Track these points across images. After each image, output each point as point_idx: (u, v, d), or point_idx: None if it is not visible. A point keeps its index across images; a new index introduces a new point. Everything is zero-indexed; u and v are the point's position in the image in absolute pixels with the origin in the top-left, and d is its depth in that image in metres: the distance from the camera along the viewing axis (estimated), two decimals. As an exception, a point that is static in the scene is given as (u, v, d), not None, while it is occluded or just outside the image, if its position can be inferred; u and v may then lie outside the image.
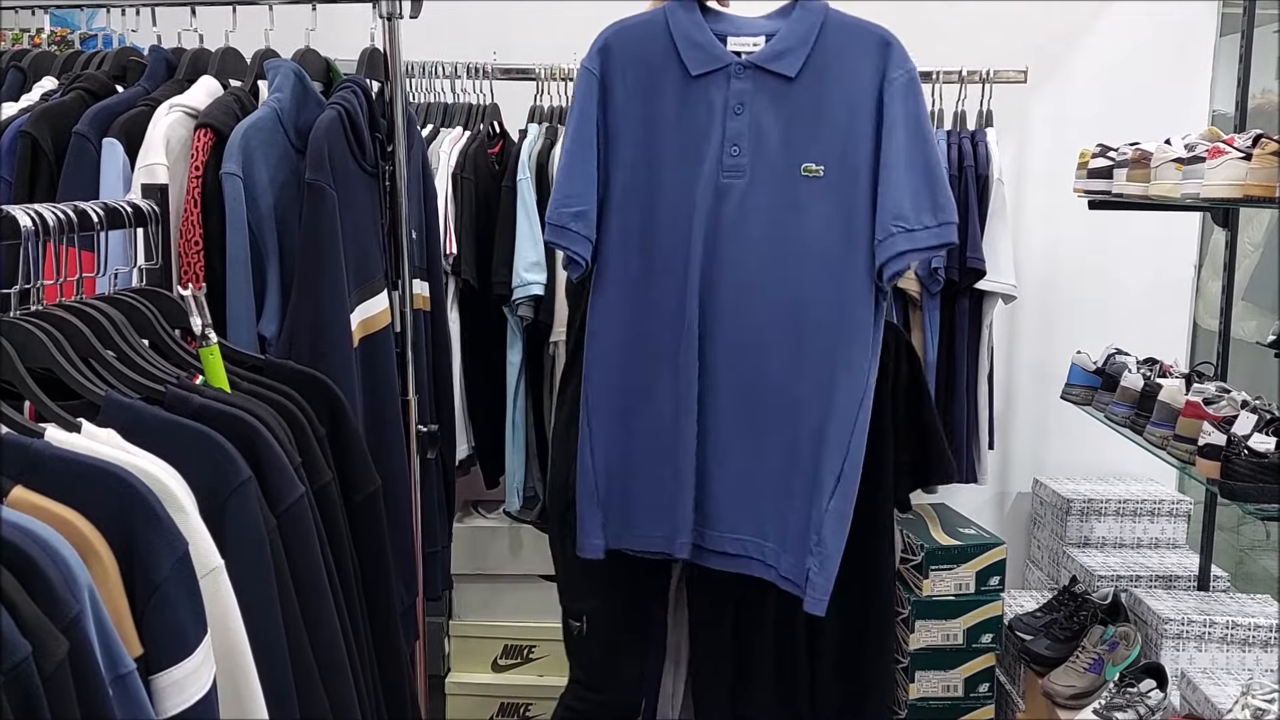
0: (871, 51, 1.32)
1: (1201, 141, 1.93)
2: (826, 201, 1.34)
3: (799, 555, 1.44)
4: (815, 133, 1.34)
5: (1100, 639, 2.30)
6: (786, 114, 1.34)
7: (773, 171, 1.35)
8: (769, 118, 1.35)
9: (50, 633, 0.71)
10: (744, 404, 1.42)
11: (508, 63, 2.56)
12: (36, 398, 0.94)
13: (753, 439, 1.43)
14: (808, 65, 1.33)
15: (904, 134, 1.32)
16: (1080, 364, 2.39)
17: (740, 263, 1.37)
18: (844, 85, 1.32)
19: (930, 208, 1.33)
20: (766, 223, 1.37)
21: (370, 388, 1.63)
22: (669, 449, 1.44)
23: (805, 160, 1.34)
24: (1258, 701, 1.83)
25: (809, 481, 1.43)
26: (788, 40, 1.34)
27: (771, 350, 1.38)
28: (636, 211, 1.39)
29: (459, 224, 2.39)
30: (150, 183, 1.38)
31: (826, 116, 1.33)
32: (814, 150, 1.33)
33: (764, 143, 1.34)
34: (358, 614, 1.22)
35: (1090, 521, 2.74)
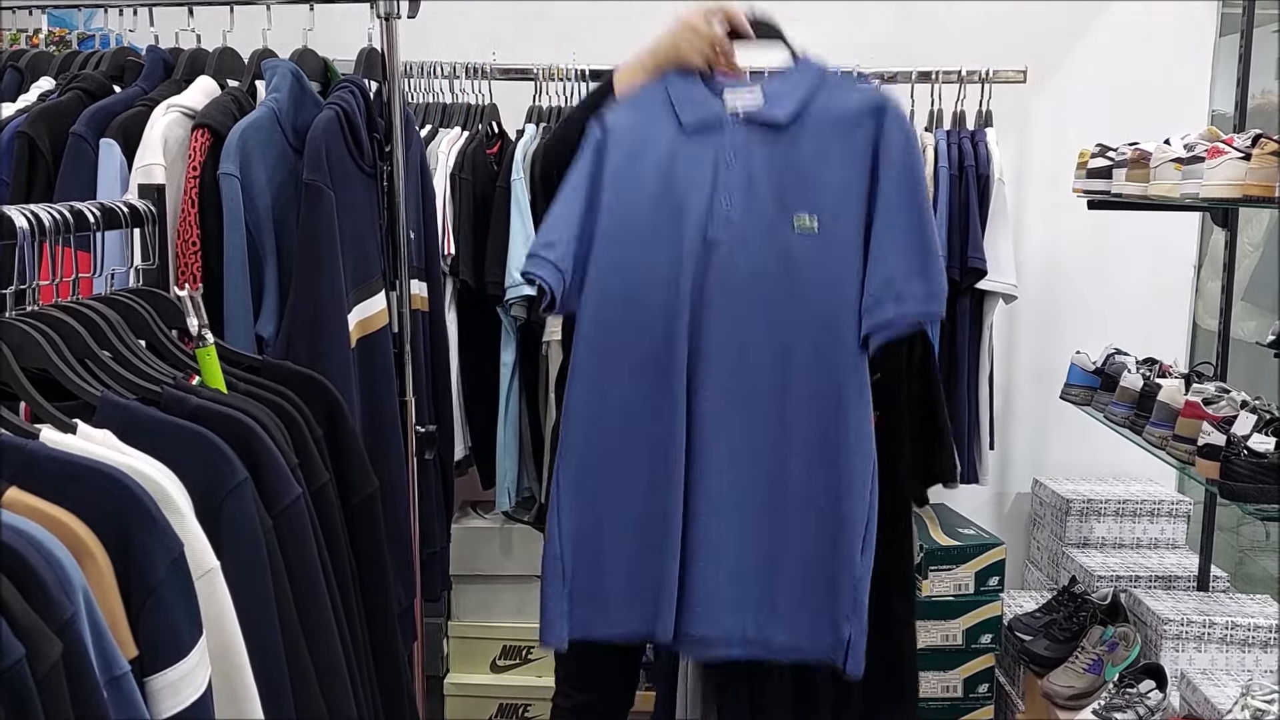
0: (868, 110, 1.30)
1: (1201, 141, 1.92)
2: (818, 256, 1.32)
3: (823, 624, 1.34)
4: (808, 186, 1.32)
5: (1100, 639, 2.30)
6: (779, 165, 1.33)
7: (764, 224, 1.32)
8: (761, 169, 1.33)
9: (44, 635, 0.70)
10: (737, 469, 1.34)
11: (506, 63, 2.56)
12: (32, 398, 0.94)
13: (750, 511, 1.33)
14: (801, 116, 1.32)
15: (899, 199, 1.29)
16: (1080, 364, 2.39)
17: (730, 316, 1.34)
18: (839, 140, 1.30)
19: (921, 277, 1.31)
20: (757, 276, 1.33)
21: (368, 388, 1.62)
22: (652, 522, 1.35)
23: (798, 212, 1.32)
24: (1257, 702, 1.82)
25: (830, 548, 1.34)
26: (781, 91, 1.34)
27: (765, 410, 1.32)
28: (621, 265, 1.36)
29: (457, 224, 2.39)
30: (147, 183, 1.38)
31: (820, 170, 1.31)
32: (806, 203, 1.31)
33: (756, 194, 1.32)
34: (355, 615, 1.21)
35: (1089, 522, 2.74)
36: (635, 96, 1.38)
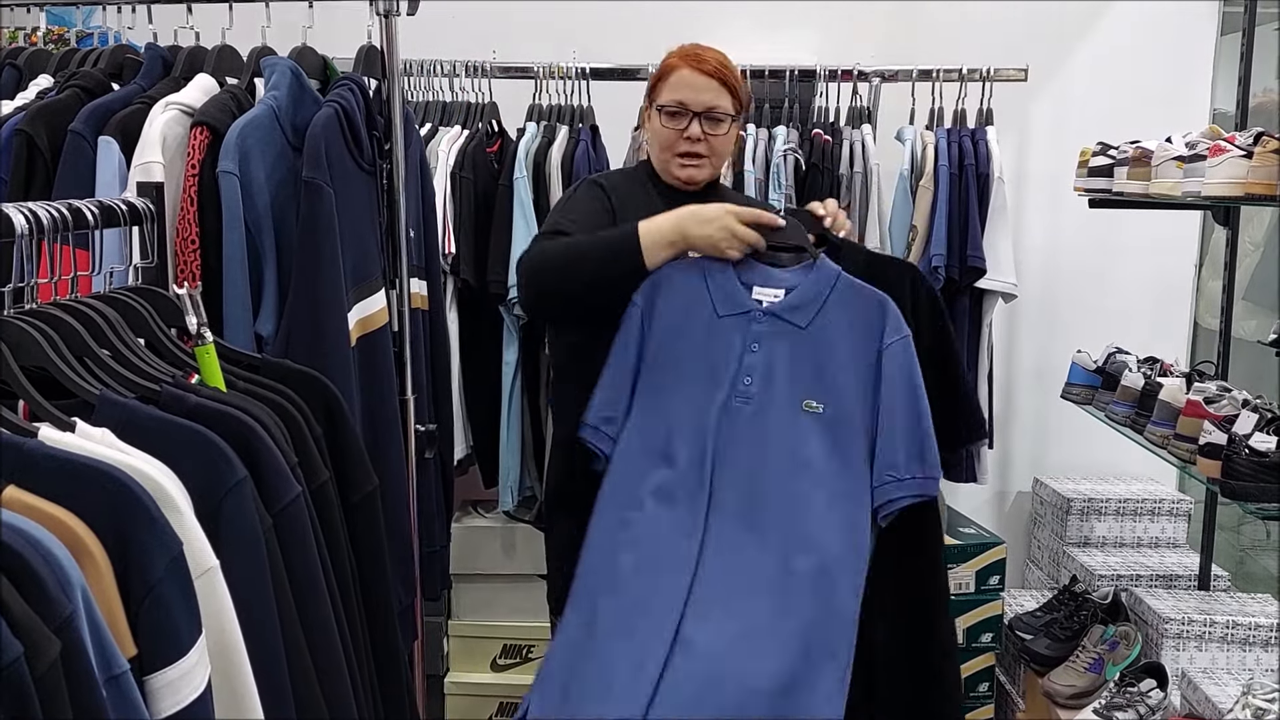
0: (873, 314, 1.53)
1: (1202, 140, 1.92)
2: (823, 435, 1.52)
3: None
4: (818, 376, 1.54)
5: (1100, 638, 2.30)
6: (795, 356, 1.55)
7: (778, 403, 1.54)
8: (780, 357, 1.55)
9: (43, 633, 0.70)
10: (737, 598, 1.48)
11: (506, 61, 2.56)
12: (31, 396, 0.94)
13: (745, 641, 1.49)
14: (817, 318, 1.54)
15: (900, 394, 1.51)
16: (1080, 363, 2.38)
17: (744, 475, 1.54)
18: (847, 340, 1.53)
19: (919, 462, 1.52)
20: (768, 446, 1.53)
21: (368, 387, 1.62)
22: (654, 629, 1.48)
23: (807, 397, 1.53)
24: (1259, 701, 1.82)
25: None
26: (803, 295, 1.55)
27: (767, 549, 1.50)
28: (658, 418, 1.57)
29: (457, 223, 2.39)
30: (146, 181, 1.37)
31: (829, 363, 1.53)
32: (816, 390, 1.53)
33: (773, 378, 1.54)
34: (355, 614, 1.21)
35: (1090, 521, 2.73)
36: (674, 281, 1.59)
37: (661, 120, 1.73)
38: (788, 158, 2.40)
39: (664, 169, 1.76)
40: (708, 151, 1.72)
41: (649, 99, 1.79)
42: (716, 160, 1.75)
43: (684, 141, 1.71)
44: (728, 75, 1.73)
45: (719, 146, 1.73)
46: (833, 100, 2.54)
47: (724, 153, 1.77)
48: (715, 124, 1.71)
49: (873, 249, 1.65)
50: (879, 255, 1.60)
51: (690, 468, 1.53)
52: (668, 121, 1.72)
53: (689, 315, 1.57)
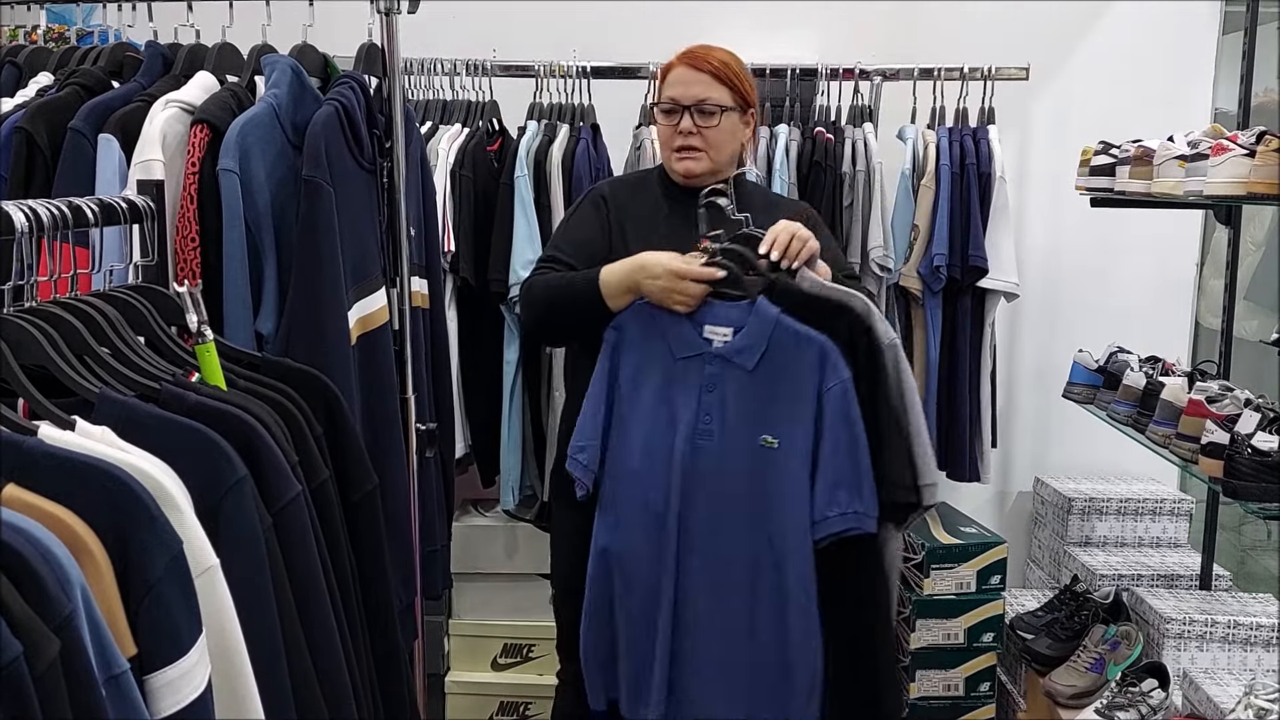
0: (813, 359, 1.60)
1: (1204, 139, 1.92)
2: (779, 469, 1.61)
3: None
4: (769, 413, 1.62)
5: (1102, 638, 2.29)
6: (747, 395, 1.63)
7: (736, 439, 1.63)
8: (733, 397, 1.63)
9: (42, 632, 0.70)
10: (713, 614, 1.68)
11: (507, 59, 2.55)
12: (30, 395, 0.93)
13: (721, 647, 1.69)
14: (762, 361, 1.61)
15: (841, 435, 1.59)
16: (1082, 362, 2.38)
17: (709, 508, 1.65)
18: (791, 380, 1.61)
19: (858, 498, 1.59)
20: (730, 479, 1.63)
21: (368, 386, 1.62)
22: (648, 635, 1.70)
23: (763, 434, 1.62)
24: (1261, 701, 1.82)
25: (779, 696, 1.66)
26: (749, 337, 1.62)
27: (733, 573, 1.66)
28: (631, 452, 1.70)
29: (457, 221, 2.38)
30: (146, 179, 1.37)
31: (777, 402, 1.62)
32: (769, 427, 1.62)
33: (729, 416, 1.64)
34: (355, 613, 1.21)
35: (1092, 520, 2.73)
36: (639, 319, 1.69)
37: (660, 119, 1.80)
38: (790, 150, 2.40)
39: (668, 166, 1.82)
40: (703, 144, 1.75)
41: (654, 103, 1.87)
42: (715, 153, 1.77)
43: (678, 136, 1.76)
44: (721, 69, 1.77)
45: (714, 139, 1.76)
46: (834, 99, 2.53)
47: (722, 145, 1.78)
48: (706, 116, 1.75)
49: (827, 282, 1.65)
50: (818, 296, 1.62)
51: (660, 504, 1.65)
52: (664, 119, 1.79)
53: (649, 357, 1.68)
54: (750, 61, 2.54)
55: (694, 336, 1.64)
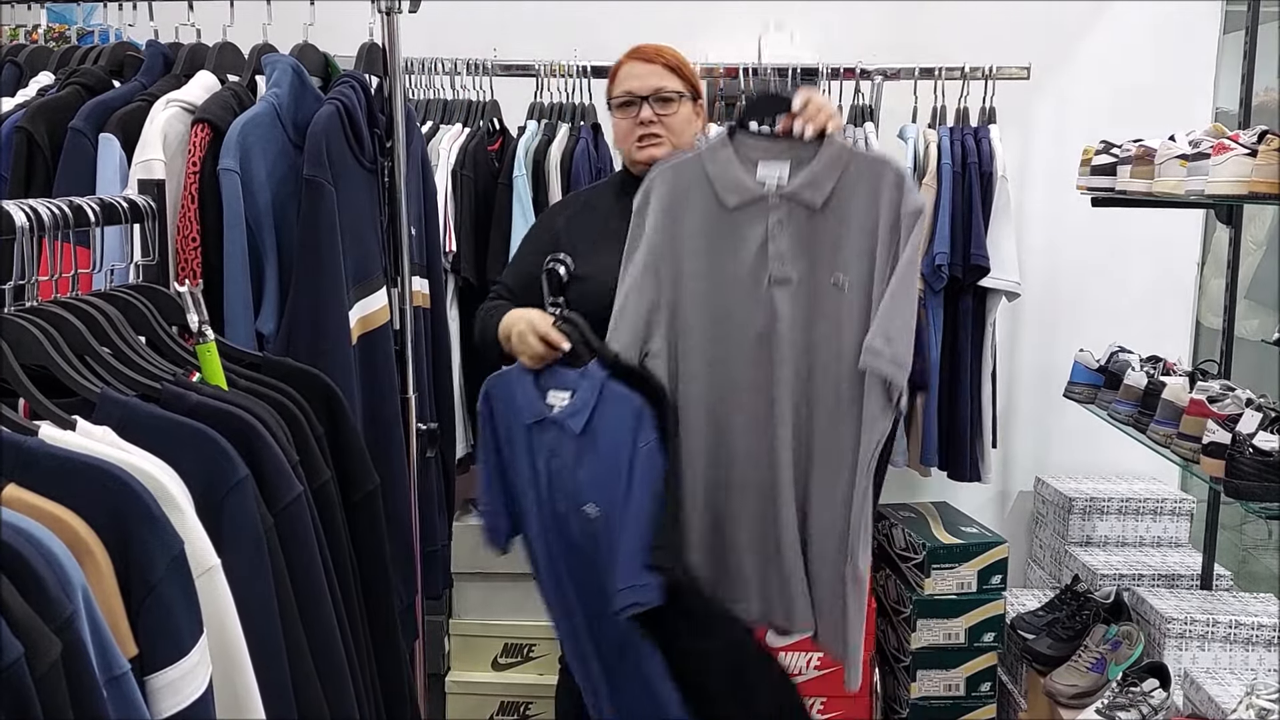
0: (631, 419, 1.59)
1: (1206, 138, 1.91)
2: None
3: None
4: (591, 479, 1.61)
5: (1103, 638, 2.29)
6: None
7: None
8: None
9: (43, 633, 0.70)
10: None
11: (507, 59, 2.55)
12: (31, 395, 0.93)
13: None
14: (588, 425, 1.60)
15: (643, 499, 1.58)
16: (1083, 362, 2.38)
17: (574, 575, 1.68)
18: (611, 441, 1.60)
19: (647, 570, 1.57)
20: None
21: (369, 385, 1.62)
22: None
23: (587, 502, 1.62)
24: (1262, 701, 1.82)
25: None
26: (580, 401, 1.62)
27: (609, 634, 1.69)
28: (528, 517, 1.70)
29: (458, 221, 2.38)
30: (147, 178, 1.37)
31: (598, 465, 1.61)
32: (592, 494, 1.62)
33: (566, 483, 1.64)
34: (356, 613, 1.21)
35: (1092, 520, 2.73)
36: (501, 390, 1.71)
37: (617, 115, 1.85)
38: None
39: (630, 159, 1.86)
40: (664, 131, 1.81)
41: (607, 102, 1.89)
42: (676, 139, 1.83)
43: (639, 126, 1.81)
44: (669, 59, 1.84)
45: (674, 125, 1.82)
46: (835, 99, 2.53)
47: (681, 131, 1.84)
48: (665, 104, 1.82)
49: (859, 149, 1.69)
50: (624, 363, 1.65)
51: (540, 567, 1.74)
52: (622, 113, 1.84)
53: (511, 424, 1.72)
54: (751, 61, 2.55)
55: (539, 403, 1.67)
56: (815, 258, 1.60)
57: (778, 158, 1.60)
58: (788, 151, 1.60)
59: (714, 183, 1.62)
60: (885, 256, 1.56)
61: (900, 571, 2.59)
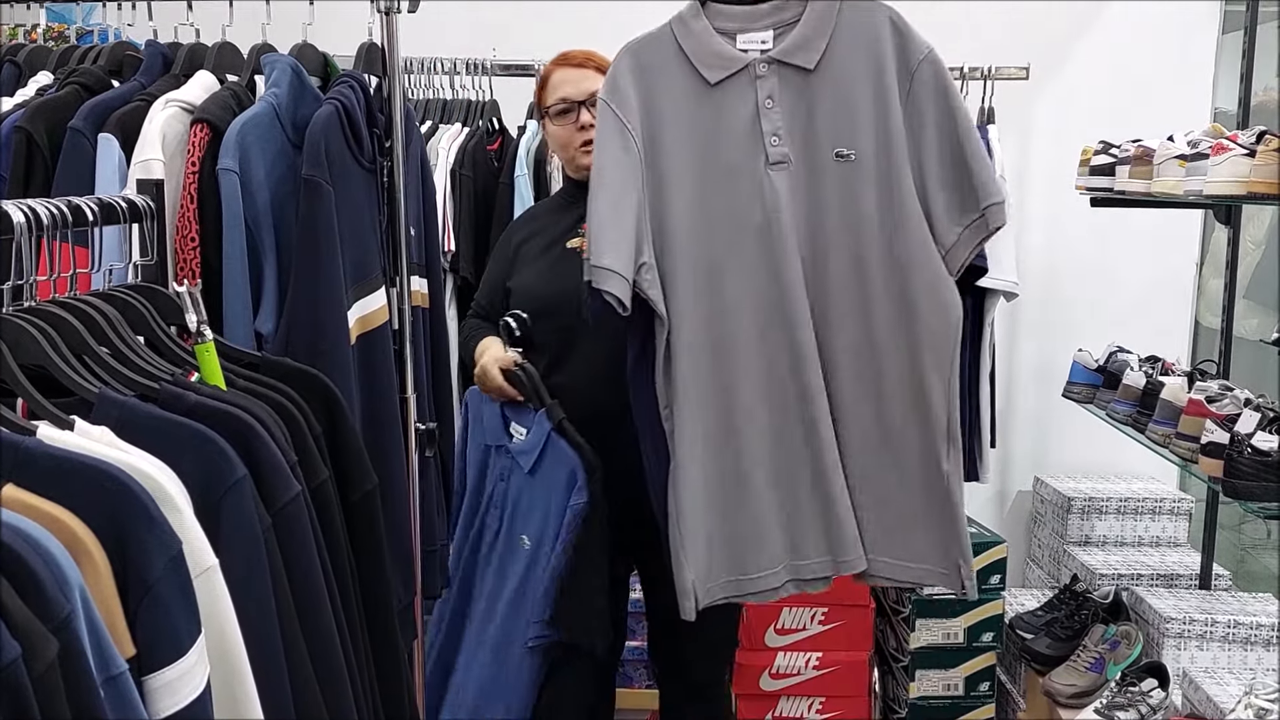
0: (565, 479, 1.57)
1: (1205, 138, 1.92)
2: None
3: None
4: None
5: (1101, 638, 2.29)
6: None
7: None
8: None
9: (40, 634, 0.69)
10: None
11: (507, 59, 2.55)
12: (29, 394, 0.93)
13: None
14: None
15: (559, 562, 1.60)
16: (1082, 362, 2.38)
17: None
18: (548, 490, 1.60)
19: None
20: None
21: (368, 385, 1.61)
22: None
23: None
24: (1261, 701, 1.82)
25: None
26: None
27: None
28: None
29: (457, 221, 2.38)
30: (146, 178, 1.37)
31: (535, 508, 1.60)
32: (529, 528, 1.61)
33: (509, 510, 1.65)
34: (355, 613, 1.21)
35: (1091, 520, 2.73)
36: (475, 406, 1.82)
37: (555, 124, 1.84)
38: None
39: (573, 167, 1.85)
40: None
41: (540, 114, 1.89)
42: None
43: (580, 132, 1.80)
44: (599, 62, 1.83)
45: None
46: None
47: None
48: None
49: None
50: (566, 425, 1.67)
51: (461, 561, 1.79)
52: (560, 121, 1.83)
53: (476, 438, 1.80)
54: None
55: (501, 431, 1.75)
56: (816, 130, 1.41)
57: (759, 24, 1.41)
58: (769, 15, 1.42)
59: (691, 58, 1.42)
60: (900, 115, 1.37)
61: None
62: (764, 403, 1.48)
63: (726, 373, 1.49)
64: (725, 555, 1.52)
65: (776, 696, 2.52)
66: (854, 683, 2.49)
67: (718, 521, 1.52)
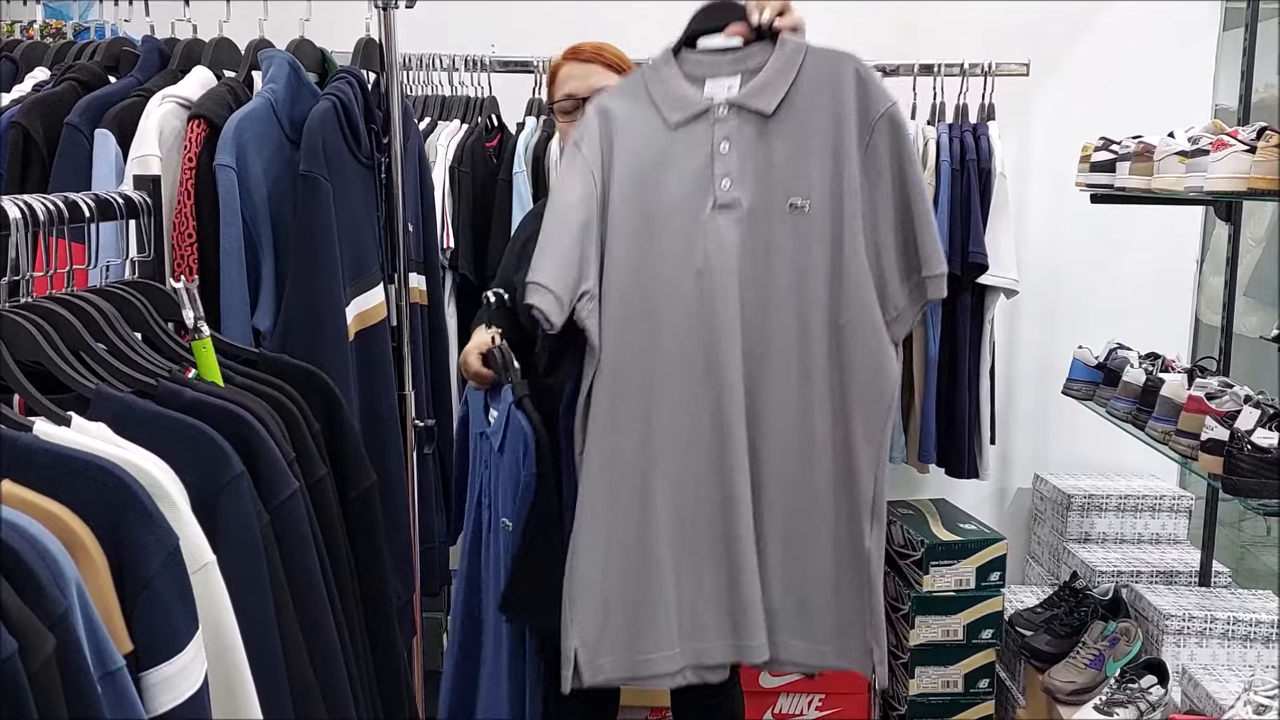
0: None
1: (1205, 135, 1.91)
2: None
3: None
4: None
5: (1101, 635, 2.29)
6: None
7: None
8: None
9: (37, 629, 0.69)
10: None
11: (505, 55, 2.54)
12: (26, 390, 0.93)
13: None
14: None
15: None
16: (1082, 359, 2.38)
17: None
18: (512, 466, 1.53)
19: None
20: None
21: (366, 382, 1.61)
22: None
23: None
24: (1260, 698, 1.82)
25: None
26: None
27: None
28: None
29: (456, 218, 2.38)
30: (143, 174, 1.36)
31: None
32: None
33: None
34: (353, 610, 1.20)
35: (1091, 517, 2.73)
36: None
37: (562, 120, 1.80)
38: None
39: None
40: None
41: (548, 106, 1.86)
42: None
43: None
44: (609, 58, 1.80)
45: None
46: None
47: None
48: None
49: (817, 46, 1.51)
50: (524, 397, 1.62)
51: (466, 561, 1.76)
52: (567, 118, 1.78)
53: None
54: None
55: (482, 417, 1.72)
56: (769, 177, 1.38)
57: (727, 70, 1.40)
58: (737, 62, 1.41)
59: (656, 101, 1.42)
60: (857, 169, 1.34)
61: (898, 568, 2.59)
62: (682, 459, 1.43)
63: (645, 420, 1.43)
64: (620, 625, 1.46)
65: (776, 693, 2.52)
66: (853, 680, 2.49)
67: (616, 586, 1.45)
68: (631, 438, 1.44)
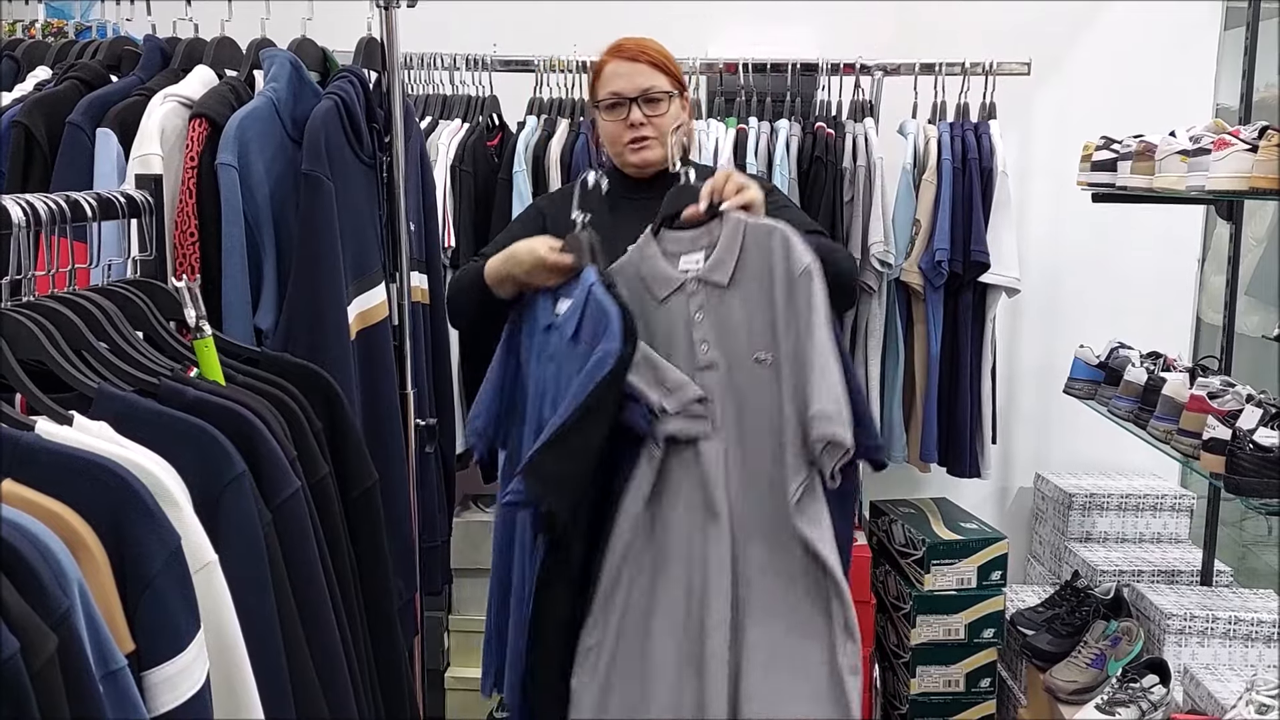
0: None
1: (1207, 134, 1.91)
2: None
3: None
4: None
5: (1102, 634, 2.29)
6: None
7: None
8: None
9: (39, 629, 0.69)
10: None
11: (507, 54, 2.55)
12: (28, 390, 0.93)
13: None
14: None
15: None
16: (1083, 358, 2.38)
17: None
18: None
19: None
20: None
21: (368, 381, 1.61)
22: None
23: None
24: (1261, 697, 1.82)
25: None
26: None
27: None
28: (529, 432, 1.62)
29: (457, 216, 2.38)
30: (145, 173, 1.36)
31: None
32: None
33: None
34: (355, 609, 1.21)
35: (1092, 516, 2.73)
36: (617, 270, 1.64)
37: (605, 117, 1.80)
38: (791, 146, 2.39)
39: (623, 163, 1.83)
40: (654, 132, 1.78)
41: (592, 102, 1.85)
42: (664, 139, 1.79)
43: (630, 129, 1.77)
44: (654, 56, 1.80)
45: (664, 125, 1.79)
46: (835, 94, 2.53)
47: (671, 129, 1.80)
48: (654, 104, 1.78)
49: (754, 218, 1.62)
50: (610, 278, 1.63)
51: None
52: (610, 115, 1.80)
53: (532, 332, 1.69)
54: (751, 56, 2.55)
55: (549, 310, 1.65)
56: (737, 338, 1.58)
57: (693, 247, 1.61)
58: (701, 239, 1.60)
59: (645, 278, 1.62)
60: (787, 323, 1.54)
61: (900, 567, 2.59)
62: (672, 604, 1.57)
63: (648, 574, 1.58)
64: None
65: (777, 693, 2.52)
66: (854, 679, 2.49)
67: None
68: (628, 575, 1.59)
